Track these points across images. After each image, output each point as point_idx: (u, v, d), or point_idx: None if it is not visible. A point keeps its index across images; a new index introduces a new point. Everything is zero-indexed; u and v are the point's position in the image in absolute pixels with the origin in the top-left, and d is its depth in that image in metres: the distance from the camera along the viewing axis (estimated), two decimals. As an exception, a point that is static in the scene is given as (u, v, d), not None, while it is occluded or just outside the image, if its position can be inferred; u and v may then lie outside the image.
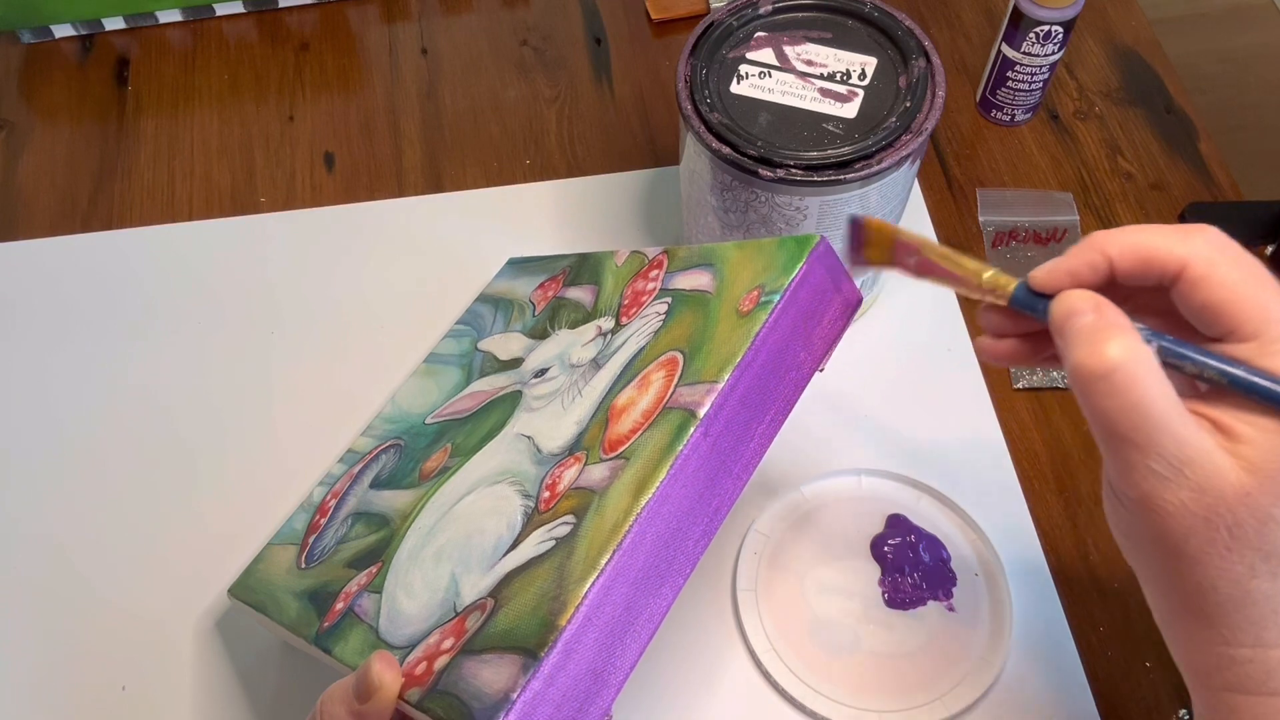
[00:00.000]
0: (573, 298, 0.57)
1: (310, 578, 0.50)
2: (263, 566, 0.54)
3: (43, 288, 0.68)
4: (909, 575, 0.56)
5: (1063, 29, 0.67)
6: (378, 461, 0.55)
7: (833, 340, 0.46)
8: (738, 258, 0.49)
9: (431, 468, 0.51)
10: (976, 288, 0.40)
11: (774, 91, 0.55)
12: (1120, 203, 0.71)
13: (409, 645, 0.41)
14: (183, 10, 0.80)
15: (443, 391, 0.57)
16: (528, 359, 0.55)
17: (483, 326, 0.61)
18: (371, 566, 0.47)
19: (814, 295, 0.45)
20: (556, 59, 0.79)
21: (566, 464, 0.45)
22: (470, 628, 0.40)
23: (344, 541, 0.51)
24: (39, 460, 0.62)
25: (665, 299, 0.50)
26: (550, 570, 0.40)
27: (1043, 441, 0.62)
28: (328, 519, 0.54)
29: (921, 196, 0.71)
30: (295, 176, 0.73)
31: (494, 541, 0.44)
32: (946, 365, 0.64)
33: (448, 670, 0.39)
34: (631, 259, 0.55)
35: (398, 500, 0.51)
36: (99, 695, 0.55)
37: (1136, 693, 0.54)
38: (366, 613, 0.45)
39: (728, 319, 0.46)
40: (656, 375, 0.46)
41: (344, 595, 0.47)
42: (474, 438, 0.51)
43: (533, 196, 0.72)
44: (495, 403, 0.53)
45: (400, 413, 0.58)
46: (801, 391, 0.45)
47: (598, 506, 0.41)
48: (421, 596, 0.44)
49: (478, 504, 0.47)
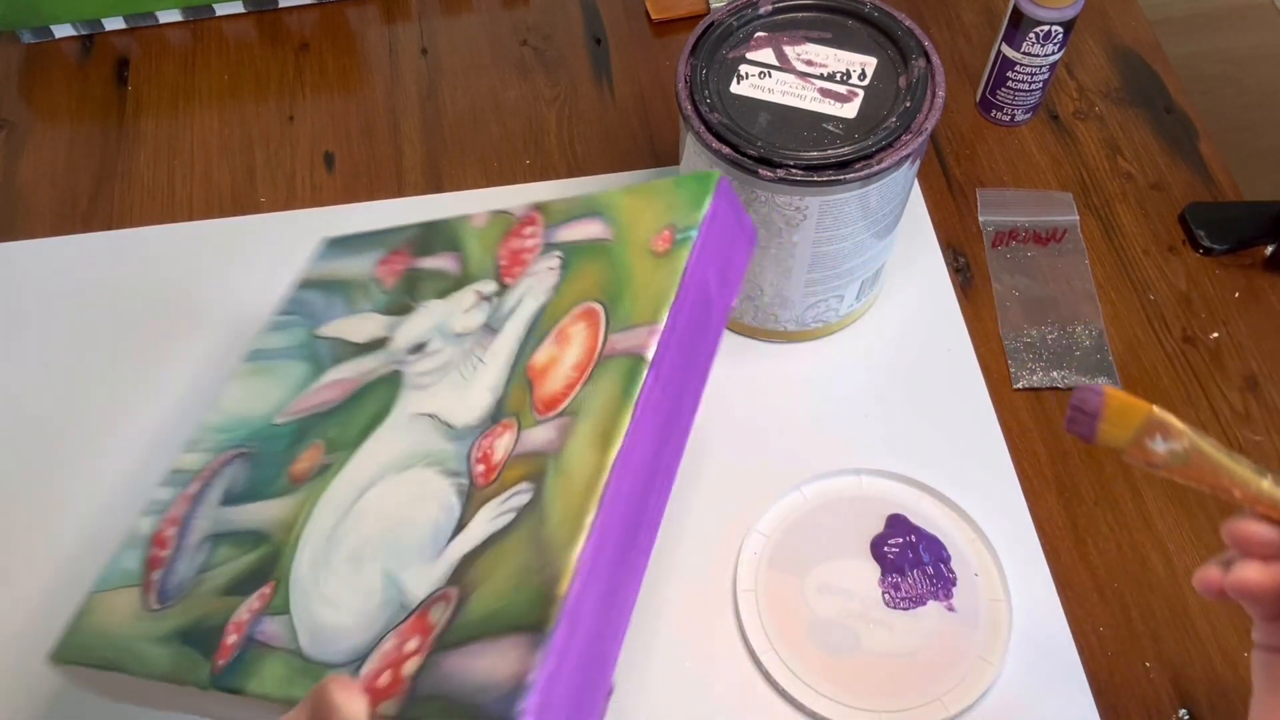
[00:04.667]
0: (431, 267, 0.52)
1: (173, 618, 0.44)
2: (94, 619, 0.46)
3: (43, 288, 0.68)
4: (909, 575, 0.56)
5: (1063, 29, 0.67)
6: (222, 476, 0.49)
7: (740, 276, 0.46)
8: (631, 203, 0.48)
9: (303, 469, 0.47)
10: (1251, 496, 0.36)
11: (774, 91, 0.55)
12: (1120, 203, 0.71)
13: (355, 659, 0.38)
14: (183, 10, 0.80)
15: (286, 388, 0.52)
16: (395, 337, 0.50)
17: (315, 313, 0.55)
18: (262, 588, 0.43)
19: (724, 231, 0.45)
20: (556, 59, 0.79)
21: (494, 433, 0.43)
22: (436, 622, 0.37)
23: (208, 569, 0.45)
24: (38, 458, 0.62)
25: (555, 253, 0.49)
26: (522, 542, 0.37)
27: (1043, 441, 0.62)
28: (173, 550, 0.47)
29: (921, 196, 0.71)
30: (295, 176, 0.73)
31: (430, 529, 0.41)
32: (946, 365, 0.64)
33: (422, 673, 0.36)
34: (496, 220, 0.52)
35: (268, 511, 0.46)
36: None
37: (1136, 693, 0.54)
38: (276, 637, 0.41)
39: (643, 261, 0.45)
40: (575, 329, 0.44)
41: (233, 627, 0.42)
42: (352, 428, 0.47)
43: (533, 196, 0.71)
44: (368, 388, 0.49)
45: (234, 419, 0.51)
46: (722, 331, 0.45)
47: (557, 468, 0.39)
48: (350, 605, 0.40)
49: (391, 495, 0.43)
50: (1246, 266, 0.68)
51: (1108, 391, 0.38)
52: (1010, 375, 0.64)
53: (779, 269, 0.58)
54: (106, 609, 0.46)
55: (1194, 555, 0.58)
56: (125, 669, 0.43)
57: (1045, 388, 0.63)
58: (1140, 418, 0.37)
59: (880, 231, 0.58)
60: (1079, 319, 0.66)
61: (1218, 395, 0.63)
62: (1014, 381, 0.64)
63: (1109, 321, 0.66)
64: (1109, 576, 0.58)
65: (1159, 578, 0.57)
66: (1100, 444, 0.39)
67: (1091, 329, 0.65)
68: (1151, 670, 0.55)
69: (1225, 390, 0.63)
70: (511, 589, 0.36)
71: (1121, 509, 0.60)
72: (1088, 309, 0.66)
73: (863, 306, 0.65)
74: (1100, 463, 0.61)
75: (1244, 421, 0.62)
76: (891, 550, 0.57)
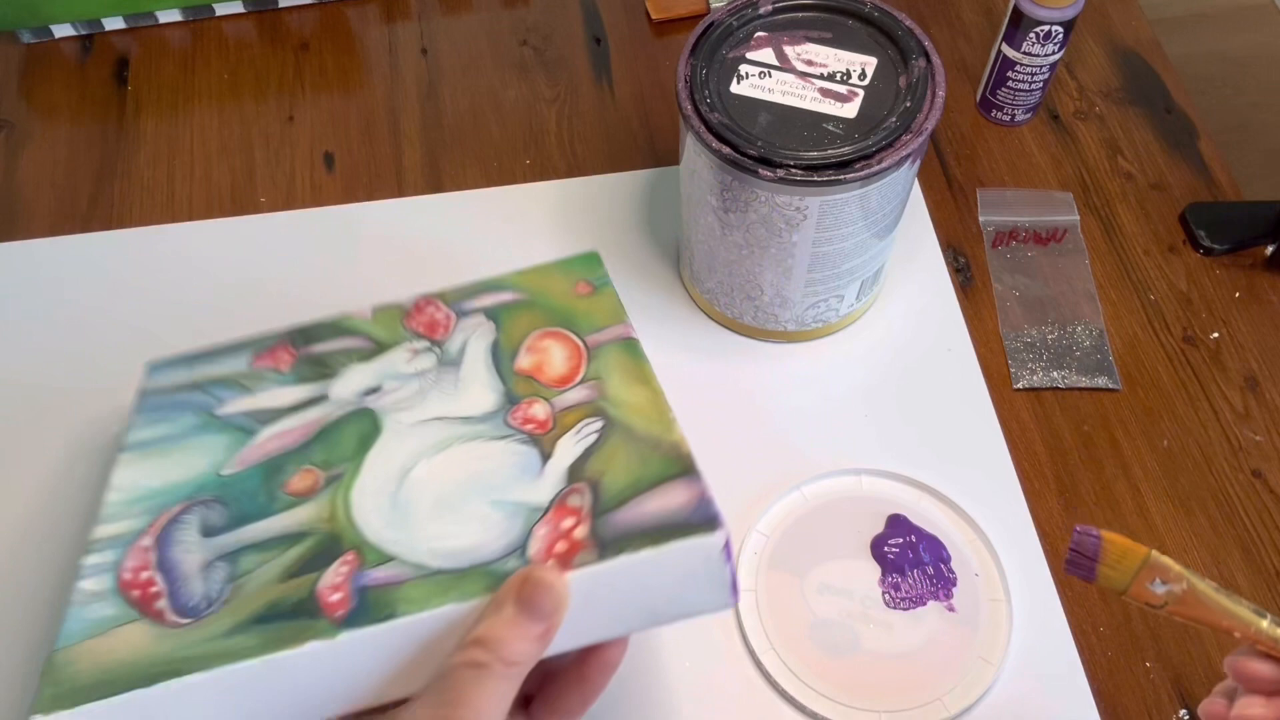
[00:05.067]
0: (332, 349, 0.53)
1: (226, 616, 0.41)
2: (87, 662, 0.41)
3: (43, 288, 0.68)
4: (909, 575, 0.56)
5: (1063, 29, 0.67)
6: (182, 523, 0.46)
7: None
8: (531, 277, 0.54)
9: (306, 485, 0.46)
10: (1251, 636, 0.37)
11: (774, 91, 0.55)
12: (1120, 203, 0.71)
13: (506, 554, 0.41)
14: (183, 10, 0.80)
15: (211, 454, 0.49)
16: (331, 393, 0.50)
17: (197, 405, 0.52)
18: (342, 558, 0.42)
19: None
20: (556, 59, 0.79)
21: (523, 406, 0.47)
22: (581, 504, 0.41)
23: (241, 575, 0.43)
24: (38, 458, 0.62)
25: (477, 315, 0.53)
26: (621, 446, 0.44)
27: (1043, 441, 0.62)
28: (166, 582, 0.44)
29: (921, 196, 0.71)
30: (295, 176, 0.73)
31: (515, 465, 0.44)
32: (946, 365, 0.64)
33: (598, 531, 0.40)
34: (384, 310, 0.54)
35: (286, 520, 0.45)
36: None
37: (1136, 693, 0.54)
38: (397, 576, 0.41)
39: (574, 302, 0.52)
40: (545, 342, 0.50)
41: (328, 590, 0.41)
42: (343, 449, 0.47)
43: (533, 196, 0.72)
44: (337, 423, 0.48)
45: (152, 490, 0.48)
46: None
47: (615, 402, 0.46)
48: (468, 531, 0.42)
49: (444, 464, 0.45)
50: (1246, 266, 0.68)
51: (1105, 535, 0.39)
52: (1010, 375, 0.64)
53: (779, 269, 0.58)
54: (104, 649, 0.41)
55: (1194, 555, 0.58)
56: (184, 672, 0.39)
57: (1045, 388, 0.63)
58: (1138, 561, 0.39)
59: (880, 231, 0.58)
60: (1079, 319, 0.66)
61: (1218, 395, 0.63)
62: (1014, 381, 0.64)
63: (1109, 321, 0.66)
64: (1109, 576, 0.58)
65: (1159, 578, 0.57)
66: (1100, 587, 0.40)
67: (1091, 329, 0.65)
68: (1151, 670, 0.55)
69: (1225, 390, 0.63)
70: (639, 467, 0.42)
71: (1121, 509, 0.60)
72: (1088, 309, 0.66)
73: (863, 306, 0.65)
74: (1100, 463, 0.61)
75: (1244, 421, 0.62)
76: (891, 550, 0.57)
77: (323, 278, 0.68)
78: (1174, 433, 0.62)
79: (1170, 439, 0.62)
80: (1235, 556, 0.58)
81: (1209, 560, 0.58)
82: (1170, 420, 0.62)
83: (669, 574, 0.40)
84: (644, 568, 0.39)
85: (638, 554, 0.39)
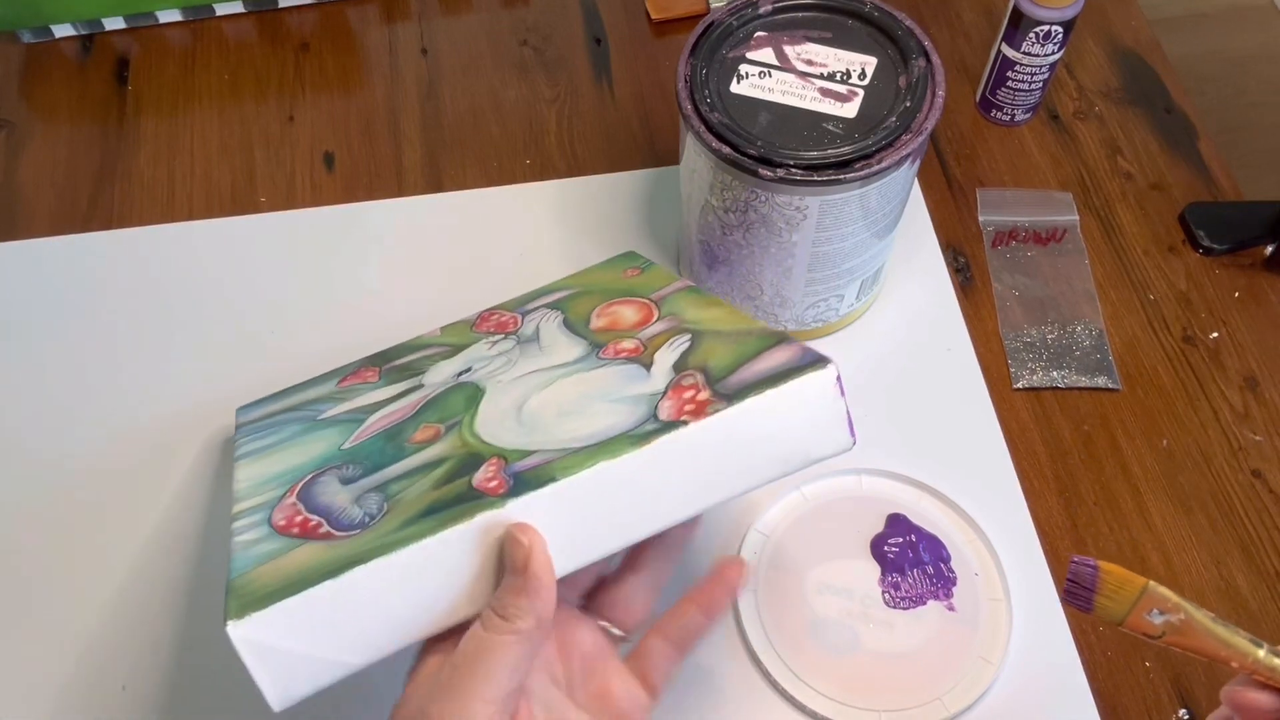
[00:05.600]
0: (412, 359, 0.56)
1: (391, 519, 0.42)
2: (267, 578, 0.41)
3: (43, 288, 0.68)
4: (909, 575, 0.56)
5: (1063, 29, 0.67)
6: (319, 482, 0.47)
7: None
8: (581, 277, 0.59)
9: (430, 434, 0.48)
10: (1249, 666, 0.38)
11: (774, 91, 0.55)
12: (1120, 203, 0.71)
13: (639, 423, 0.43)
14: (183, 10, 0.80)
15: (324, 444, 0.50)
16: (425, 383, 0.52)
17: (299, 419, 0.54)
18: (487, 462, 0.43)
19: None
20: (556, 59, 0.79)
21: (610, 345, 0.50)
22: (697, 380, 0.44)
23: (395, 495, 0.44)
24: (38, 459, 0.62)
25: (540, 309, 0.56)
26: (715, 341, 0.47)
27: (1043, 441, 0.62)
28: (321, 518, 0.45)
29: (921, 196, 0.71)
30: (295, 176, 0.73)
31: (623, 375, 0.47)
32: (946, 365, 0.64)
33: (720, 390, 0.43)
34: (451, 327, 0.59)
35: (422, 455, 0.46)
36: (99, 694, 0.55)
37: (1136, 692, 0.54)
38: (546, 459, 0.42)
39: (628, 282, 0.56)
40: (613, 308, 0.54)
41: (484, 480, 0.42)
42: (455, 405, 0.49)
43: (533, 196, 0.72)
44: (440, 394, 0.51)
45: (277, 472, 0.49)
46: None
47: (696, 321, 0.49)
48: (598, 422, 0.43)
49: (556, 392, 0.47)
50: (1246, 266, 0.68)
51: (1102, 566, 0.40)
52: (1010, 375, 0.64)
53: (779, 268, 0.58)
54: (280, 567, 0.41)
55: (1194, 555, 0.58)
56: (366, 559, 0.39)
57: (1045, 387, 0.63)
58: (1136, 591, 0.39)
59: (880, 231, 0.58)
60: (1079, 319, 0.66)
61: (1218, 395, 0.63)
62: (1014, 381, 0.64)
63: (1109, 321, 0.66)
64: (1109, 576, 0.58)
65: (1159, 577, 0.57)
66: (1098, 617, 0.40)
67: (1091, 329, 0.65)
68: (1151, 670, 0.55)
69: (1225, 390, 0.63)
70: (737, 348, 0.45)
71: (1121, 509, 0.60)
72: (1088, 309, 0.66)
73: (863, 306, 0.65)
74: (1100, 463, 0.61)
75: (1244, 421, 0.62)
76: (891, 550, 0.57)
77: (323, 277, 0.68)
78: (1174, 433, 0.62)
79: (1170, 439, 0.62)
80: (1235, 556, 0.58)
81: (1209, 560, 0.58)
82: (1170, 420, 0.62)
83: (792, 415, 0.42)
84: (769, 410, 0.42)
85: (763, 395, 0.42)
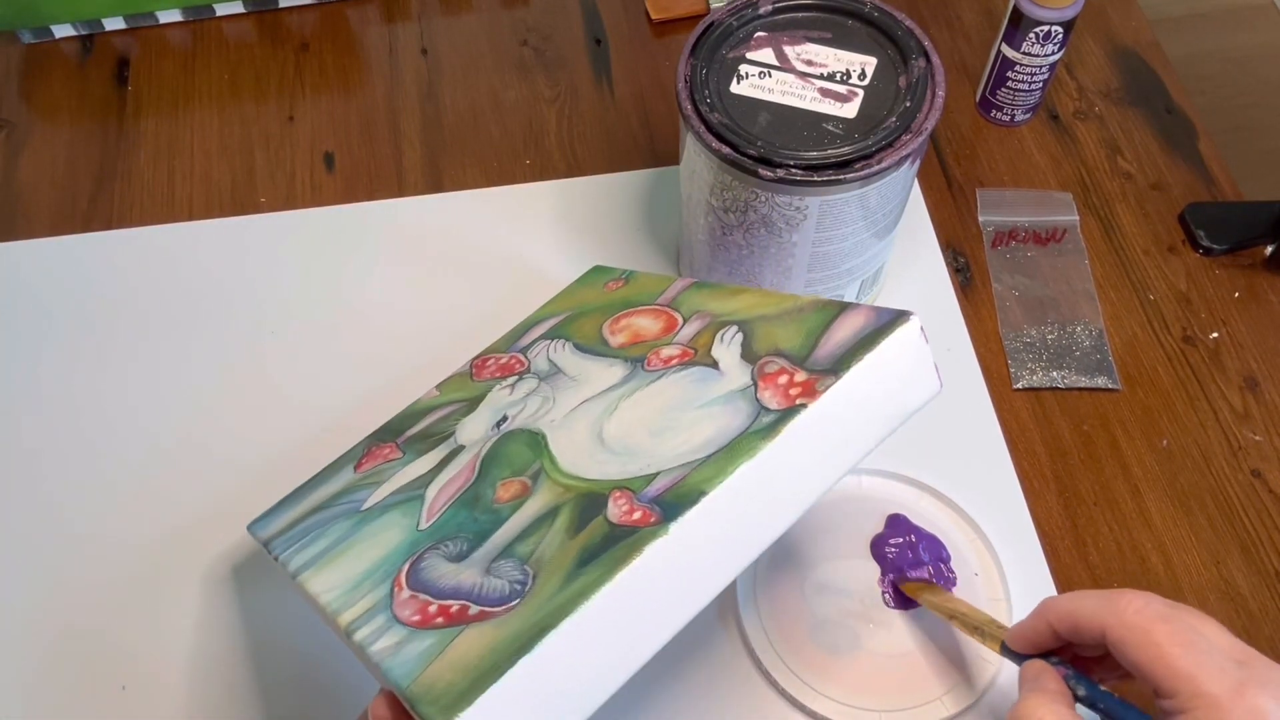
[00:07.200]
0: (426, 426, 0.53)
1: (549, 580, 0.39)
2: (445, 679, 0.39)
3: (43, 288, 0.68)
4: (909, 575, 0.56)
5: (1063, 29, 0.67)
6: (419, 569, 0.43)
7: None
8: (560, 301, 0.58)
9: (512, 491, 0.45)
10: (978, 640, 0.49)
11: (774, 91, 0.55)
12: (1120, 203, 0.71)
13: (752, 419, 0.42)
14: (183, 10, 0.80)
15: (399, 524, 0.47)
16: (459, 438, 0.49)
17: (339, 515, 0.49)
18: (612, 502, 0.41)
19: None
20: (556, 59, 0.79)
21: (651, 357, 0.48)
22: (782, 364, 0.43)
23: (531, 556, 0.41)
24: (38, 458, 0.62)
25: (538, 343, 0.55)
26: (769, 325, 0.46)
27: (1043, 441, 0.62)
28: (467, 594, 0.41)
29: (921, 196, 0.71)
30: (295, 176, 0.73)
31: (692, 380, 0.45)
32: (946, 365, 0.64)
33: (813, 369, 0.42)
34: (448, 383, 0.57)
35: (529, 510, 0.43)
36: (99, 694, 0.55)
37: (1136, 693, 0.54)
38: (676, 477, 0.41)
39: (617, 295, 0.56)
40: (623, 321, 0.52)
41: (626, 514, 0.40)
42: (521, 455, 0.46)
43: (533, 196, 0.72)
44: (496, 447, 0.48)
45: (363, 572, 0.45)
46: None
47: (730, 312, 0.49)
48: (702, 428, 0.42)
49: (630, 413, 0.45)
50: (1246, 266, 0.68)
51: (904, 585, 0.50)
52: (1010, 375, 0.64)
53: (779, 269, 0.58)
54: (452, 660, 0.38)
55: (1193, 555, 0.58)
56: (552, 626, 0.37)
57: (1045, 388, 0.63)
58: (915, 594, 0.48)
59: (880, 231, 0.58)
60: (1079, 319, 0.66)
61: (1218, 395, 0.63)
62: (1014, 381, 0.64)
63: (1109, 321, 0.66)
64: (1109, 576, 0.58)
65: (1158, 578, 0.57)
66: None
67: (1091, 329, 0.65)
68: (1151, 670, 0.55)
69: (1225, 390, 0.63)
70: (801, 325, 0.45)
71: (1121, 509, 0.60)
72: (1087, 309, 0.66)
73: (863, 306, 0.65)
74: (1100, 463, 0.61)
75: (1243, 421, 0.62)
76: (891, 550, 0.57)
77: (323, 278, 0.68)
78: (1173, 432, 0.62)
79: (1170, 439, 0.62)
80: (1235, 556, 0.58)
81: (1208, 560, 0.58)
82: (1170, 420, 0.62)
83: (890, 372, 0.42)
84: (872, 373, 0.41)
85: (864, 359, 0.41)
